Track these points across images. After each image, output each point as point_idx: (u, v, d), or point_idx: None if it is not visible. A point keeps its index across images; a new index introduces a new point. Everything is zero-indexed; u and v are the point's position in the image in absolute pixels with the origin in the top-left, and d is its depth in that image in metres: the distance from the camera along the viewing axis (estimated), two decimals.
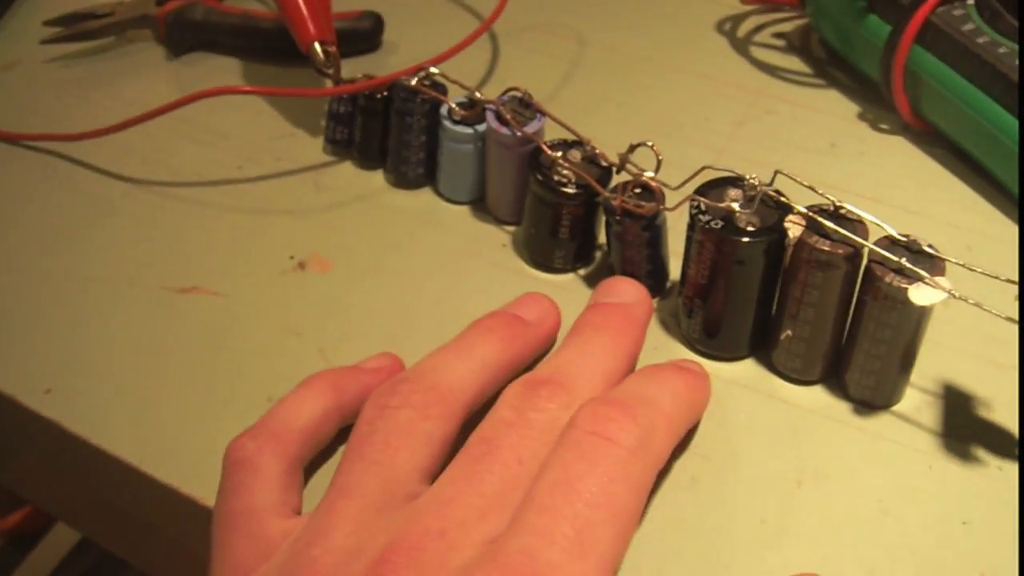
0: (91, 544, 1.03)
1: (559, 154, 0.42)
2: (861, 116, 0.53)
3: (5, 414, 0.41)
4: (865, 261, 0.36)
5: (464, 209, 0.47)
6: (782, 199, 0.38)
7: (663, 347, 0.41)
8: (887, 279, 0.35)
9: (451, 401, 0.35)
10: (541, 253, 0.44)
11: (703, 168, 0.40)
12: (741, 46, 0.58)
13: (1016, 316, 0.35)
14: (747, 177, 0.38)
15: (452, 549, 0.30)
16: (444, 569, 0.29)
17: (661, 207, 0.40)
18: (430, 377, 0.35)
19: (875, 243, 0.36)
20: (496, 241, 0.46)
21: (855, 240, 0.36)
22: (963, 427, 0.38)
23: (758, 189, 0.38)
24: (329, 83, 0.51)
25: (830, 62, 0.56)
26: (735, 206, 0.37)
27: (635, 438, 0.32)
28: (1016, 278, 0.35)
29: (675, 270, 0.42)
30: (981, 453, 0.37)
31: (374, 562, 0.29)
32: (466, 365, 0.36)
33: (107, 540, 0.55)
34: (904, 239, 0.36)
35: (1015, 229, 0.46)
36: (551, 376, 0.35)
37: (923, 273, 0.35)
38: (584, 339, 0.37)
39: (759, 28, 0.59)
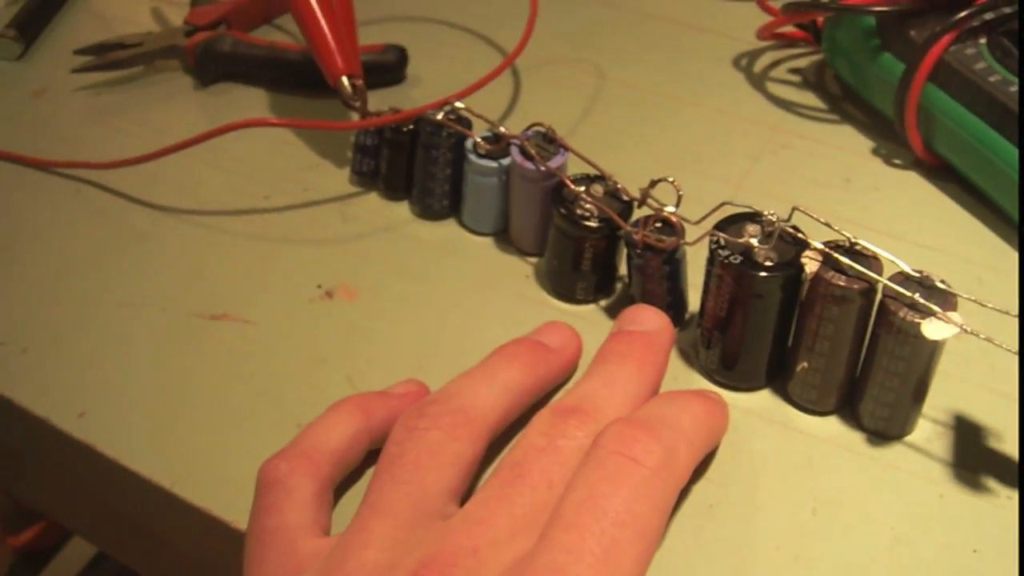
0: (105, 560, 1.03)
1: (582, 188, 0.43)
2: (875, 151, 0.53)
3: (39, 436, 0.42)
4: (879, 296, 0.37)
5: (488, 240, 0.48)
6: (799, 235, 0.38)
7: (682, 377, 0.42)
8: (900, 314, 0.36)
9: (477, 423, 0.36)
10: (563, 284, 0.45)
11: (722, 204, 0.40)
12: (757, 81, 0.58)
13: None
14: (765, 213, 0.39)
15: (483, 567, 0.31)
16: None
17: (681, 241, 0.41)
18: (456, 400, 0.36)
19: (889, 278, 0.37)
20: (519, 272, 0.47)
21: (870, 276, 0.37)
22: (973, 457, 0.39)
23: (776, 225, 0.38)
24: (356, 116, 0.52)
25: (845, 98, 0.57)
26: (753, 241, 0.38)
27: (658, 458, 0.33)
28: None
29: (694, 302, 0.43)
30: (991, 483, 0.38)
31: None
32: (490, 389, 0.37)
33: (129, 558, 0.56)
34: (917, 275, 0.37)
35: None
36: (579, 405, 0.36)
37: (935, 308, 0.35)
38: (609, 368, 0.38)
39: (775, 64, 0.60)
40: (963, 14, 0.49)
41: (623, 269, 0.45)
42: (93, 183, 0.52)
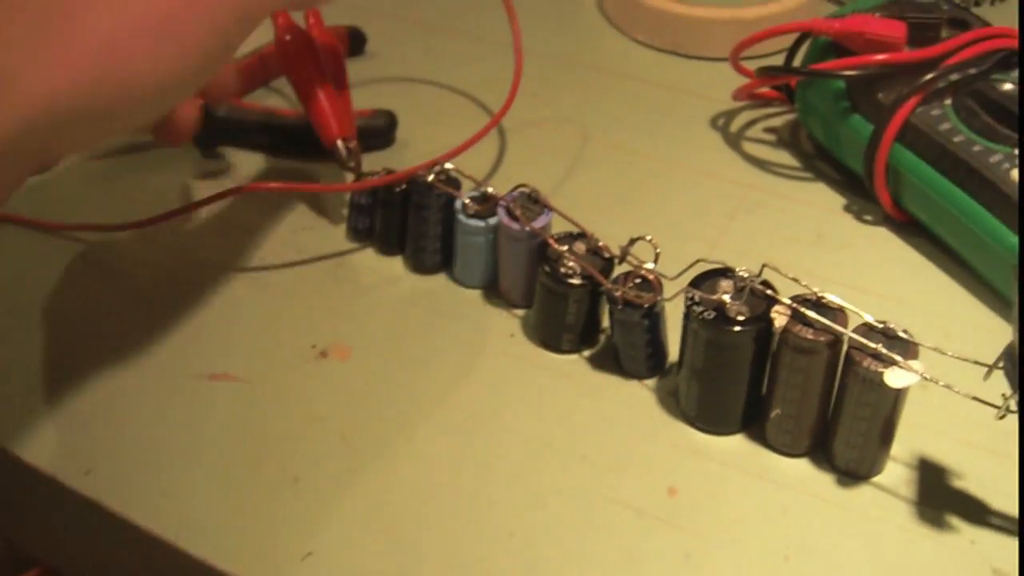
0: None
1: (565, 247, 0.45)
2: (846, 208, 0.55)
3: (45, 491, 0.43)
4: (845, 347, 0.39)
5: (477, 295, 0.50)
6: (769, 291, 0.40)
7: (665, 426, 0.43)
8: (865, 364, 0.38)
9: None
10: (550, 336, 0.47)
11: (697, 261, 0.42)
12: (734, 141, 0.60)
13: (985, 397, 0.38)
14: (737, 270, 0.41)
15: None
16: None
17: (659, 297, 0.43)
18: None
19: (854, 330, 0.38)
20: (507, 326, 0.48)
21: (835, 328, 0.38)
22: (939, 504, 0.40)
23: (747, 281, 0.40)
24: (351, 176, 0.54)
25: (818, 156, 0.58)
26: (726, 297, 0.40)
27: None
28: (989, 361, 0.38)
29: (674, 352, 0.45)
30: (956, 528, 0.39)
31: None
32: None
33: None
34: (880, 325, 0.39)
35: (991, 315, 0.48)
36: None
37: (897, 358, 0.37)
38: None
39: (751, 123, 0.61)
40: (928, 77, 0.50)
41: (606, 321, 0.46)
42: (97, 245, 0.53)
